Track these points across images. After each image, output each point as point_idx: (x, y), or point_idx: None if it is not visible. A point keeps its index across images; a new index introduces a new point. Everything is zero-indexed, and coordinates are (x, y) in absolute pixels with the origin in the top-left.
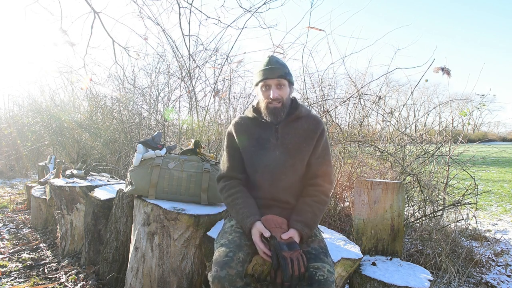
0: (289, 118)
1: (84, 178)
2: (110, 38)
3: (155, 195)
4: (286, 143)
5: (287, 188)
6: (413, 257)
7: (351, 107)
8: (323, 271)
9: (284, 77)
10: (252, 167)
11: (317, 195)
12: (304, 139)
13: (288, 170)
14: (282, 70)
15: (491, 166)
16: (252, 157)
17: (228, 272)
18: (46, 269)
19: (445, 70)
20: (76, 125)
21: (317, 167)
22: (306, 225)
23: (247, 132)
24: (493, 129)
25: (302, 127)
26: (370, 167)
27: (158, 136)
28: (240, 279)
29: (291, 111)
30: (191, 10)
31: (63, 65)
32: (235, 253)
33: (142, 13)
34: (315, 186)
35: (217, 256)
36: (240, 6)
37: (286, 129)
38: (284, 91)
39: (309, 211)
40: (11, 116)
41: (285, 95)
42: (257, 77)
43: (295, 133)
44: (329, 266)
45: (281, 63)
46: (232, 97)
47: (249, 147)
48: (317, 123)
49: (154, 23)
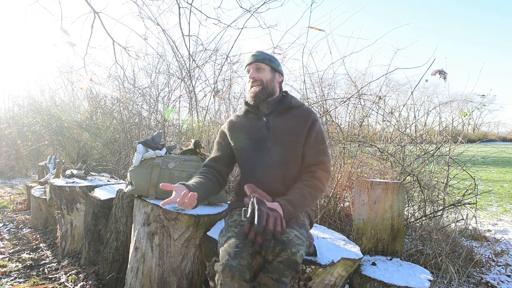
0: (279, 108)
1: (84, 178)
2: (110, 38)
3: (155, 195)
4: (276, 134)
5: (279, 180)
6: (413, 257)
7: (351, 107)
8: (289, 234)
9: (262, 61)
10: (247, 160)
11: (308, 179)
12: (294, 129)
13: (279, 161)
14: (262, 56)
15: (491, 166)
16: (245, 149)
17: (240, 262)
18: (46, 269)
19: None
20: (76, 125)
21: (311, 157)
22: (290, 202)
23: (240, 129)
24: (493, 129)
25: (292, 118)
26: (370, 167)
27: (158, 136)
28: (250, 271)
29: (281, 102)
30: (191, 10)
31: (63, 65)
32: (245, 245)
33: (142, 13)
34: (308, 172)
35: (227, 246)
36: (240, 6)
37: (276, 120)
38: (262, 74)
39: (297, 192)
40: (11, 116)
41: (265, 78)
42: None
43: (285, 123)
44: (298, 233)
45: (263, 53)
46: (232, 97)
47: (242, 141)
48: (308, 114)
49: (154, 23)
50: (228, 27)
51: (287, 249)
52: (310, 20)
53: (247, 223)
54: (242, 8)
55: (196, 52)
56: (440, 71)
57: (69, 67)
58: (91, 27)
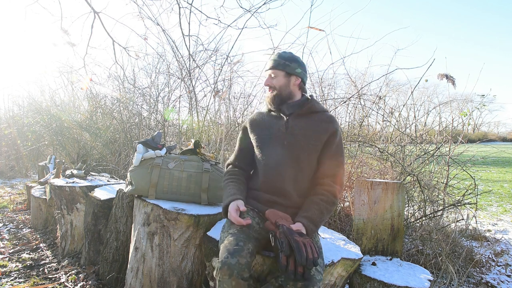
0: (300, 111)
1: (84, 178)
2: (110, 38)
3: (155, 195)
4: (294, 134)
5: (290, 180)
6: (413, 257)
7: (351, 107)
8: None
9: (276, 67)
10: (260, 154)
11: (325, 194)
12: (313, 133)
13: (292, 160)
14: (277, 62)
15: (491, 166)
16: (261, 144)
17: (239, 260)
18: (46, 269)
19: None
20: (76, 125)
21: (328, 166)
22: (311, 221)
23: (260, 125)
24: (493, 129)
25: (313, 122)
26: (370, 167)
27: (158, 136)
28: (248, 270)
29: (303, 105)
30: (191, 10)
31: (63, 65)
32: (245, 243)
33: (142, 13)
34: (324, 185)
35: (227, 243)
36: (240, 6)
37: (296, 121)
38: (276, 80)
39: (316, 208)
40: (11, 116)
41: (278, 84)
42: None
43: (305, 126)
44: (318, 266)
45: (281, 57)
46: (232, 97)
47: (260, 136)
48: (330, 122)
49: (154, 23)
50: (228, 27)
51: (309, 286)
52: (310, 20)
53: (284, 255)
54: (242, 8)
55: (196, 52)
56: (447, 76)
57: (69, 67)
58: (91, 27)
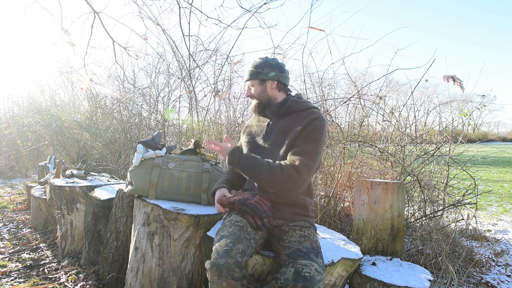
0: (280, 112)
1: (84, 178)
2: (110, 38)
3: (155, 195)
4: (274, 135)
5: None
6: (413, 257)
7: (351, 107)
8: (310, 269)
9: (251, 78)
10: None
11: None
12: (289, 129)
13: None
14: (250, 72)
15: (491, 166)
16: (247, 149)
17: (227, 260)
18: (46, 269)
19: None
20: (76, 125)
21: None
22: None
23: (247, 131)
24: (493, 129)
25: (291, 119)
26: (370, 167)
27: (158, 136)
28: (239, 269)
29: (282, 106)
30: (191, 10)
31: (63, 65)
32: (235, 244)
33: (142, 13)
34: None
35: (217, 245)
36: (240, 6)
37: (277, 122)
38: (253, 89)
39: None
40: (11, 116)
41: (256, 93)
42: None
43: (282, 127)
44: (318, 266)
45: (253, 66)
46: (232, 97)
47: (247, 142)
48: (307, 115)
49: (154, 23)
50: (228, 27)
51: (309, 286)
52: (311, 20)
53: (250, 216)
54: (242, 8)
55: (196, 52)
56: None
57: (69, 67)
58: (91, 27)
